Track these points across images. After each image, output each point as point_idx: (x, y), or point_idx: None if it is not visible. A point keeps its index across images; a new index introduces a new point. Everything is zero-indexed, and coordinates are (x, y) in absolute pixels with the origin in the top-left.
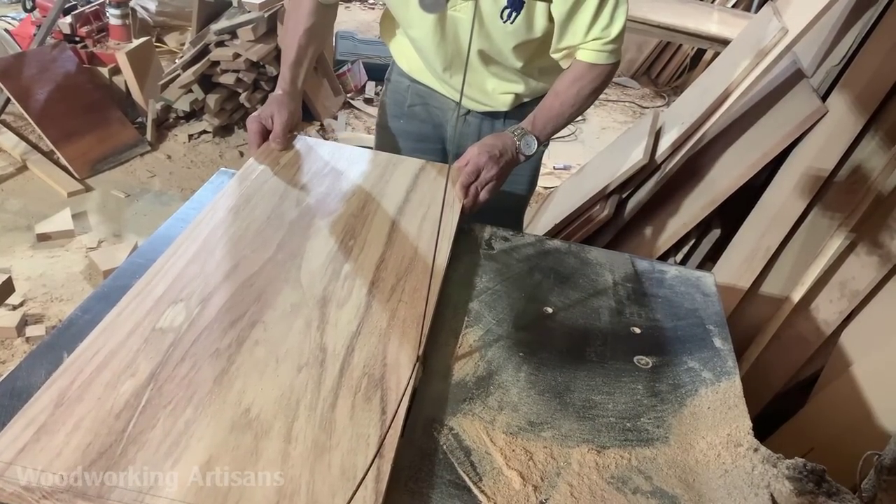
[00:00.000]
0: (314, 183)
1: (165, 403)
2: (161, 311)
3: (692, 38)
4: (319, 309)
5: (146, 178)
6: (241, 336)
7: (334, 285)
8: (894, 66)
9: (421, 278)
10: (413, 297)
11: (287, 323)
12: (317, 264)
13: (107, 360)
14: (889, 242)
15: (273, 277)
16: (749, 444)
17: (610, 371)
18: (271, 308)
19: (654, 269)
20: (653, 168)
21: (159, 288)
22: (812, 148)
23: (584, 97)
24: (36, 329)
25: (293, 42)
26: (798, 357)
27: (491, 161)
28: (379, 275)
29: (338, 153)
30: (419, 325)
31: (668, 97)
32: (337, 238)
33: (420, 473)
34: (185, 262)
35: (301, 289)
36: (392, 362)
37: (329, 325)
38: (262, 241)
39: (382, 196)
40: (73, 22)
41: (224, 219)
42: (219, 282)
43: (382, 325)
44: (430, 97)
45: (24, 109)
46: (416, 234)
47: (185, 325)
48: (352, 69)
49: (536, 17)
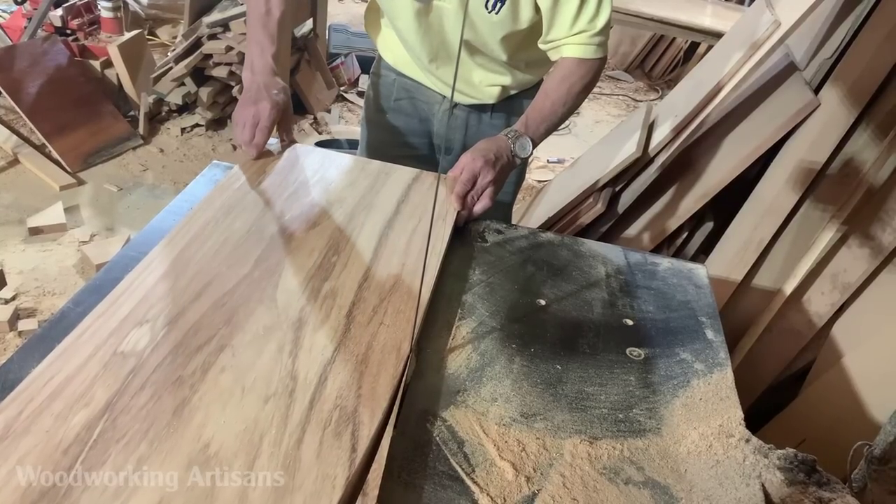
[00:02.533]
0: (301, 193)
1: (119, 437)
2: (125, 333)
3: (686, 32)
4: (294, 332)
5: (139, 172)
6: (207, 362)
7: (312, 305)
8: (886, 59)
9: (405, 298)
10: (395, 320)
11: (258, 347)
12: (295, 282)
13: (61, 388)
14: (880, 235)
15: (247, 297)
16: (741, 435)
17: (602, 363)
18: (242, 331)
19: (646, 262)
20: (646, 161)
21: (125, 307)
22: (804, 141)
23: (574, 94)
24: (28, 323)
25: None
26: (790, 349)
27: (487, 166)
28: (361, 294)
29: (328, 161)
30: (400, 349)
31: (662, 90)
32: (320, 253)
33: (413, 465)
34: (155, 279)
35: (276, 309)
36: (367, 393)
37: (303, 350)
38: (239, 257)
39: (371, 208)
40: (65, 14)
41: (201, 232)
42: (189, 301)
43: (360, 350)
44: (417, 91)
45: (16, 103)
46: (404, 249)
47: (149, 350)
48: (345, 62)
49: (522, 7)
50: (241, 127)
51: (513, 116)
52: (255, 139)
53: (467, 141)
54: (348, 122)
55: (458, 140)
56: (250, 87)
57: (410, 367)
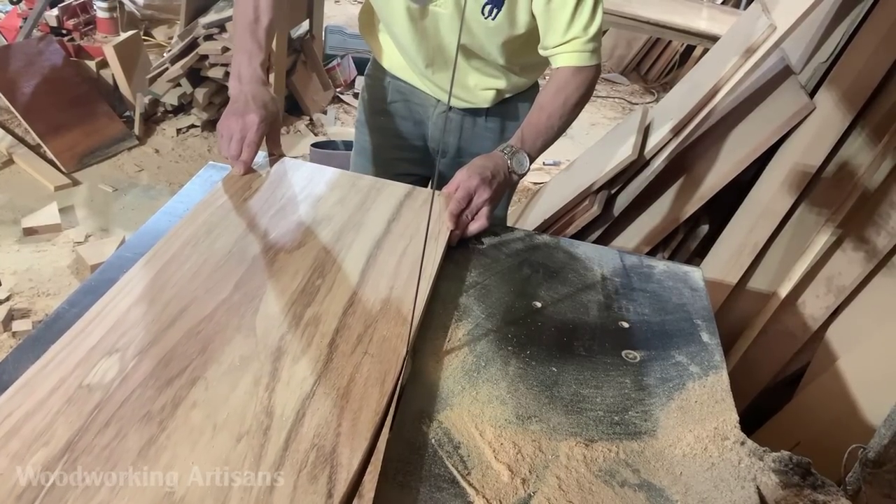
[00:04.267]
0: (287, 210)
1: (77, 482)
2: (92, 363)
3: (681, 35)
4: (272, 363)
5: (134, 172)
6: (178, 396)
7: (293, 333)
8: (881, 63)
9: (392, 326)
10: (381, 349)
11: (232, 380)
12: (276, 308)
13: (19, 425)
14: (875, 238)
15: (225, 324)
16: (736, 438)
17: (598, 365)
18: (217, 362)
19: (642, 264)
20: (642, 164)
21: (95, 335)
22: (800, 144)
23: (570, 107)
24: (22, 324)
25: (257, 14)
26: (785, 352)
27: (483, 184)
28: (345, 321)
29: (318, 177)
30: (384, 382)
31: (658, 93)
32: (304, 276)
33: (409, 467)
34: (128, 304)
35: (254, 337)
36: (347, 430)
37: (280, 383)
38: (218, 280)
39: (361, 226)
40: (60, 14)
41: (179, 252)
42: (162, 328)
43: (341, 383)
44: (411, 94)
45: (11, 103)
46: (393, 271)
47: (117, 382)
48: (341, 64)
49: (519, 13)
50: (227, 140)
51: (507, 120)
52: (243, 156)
53: (462, 144)
54: (344, 123)
55: (453, 144)
56: (237, 98)
57: (406, 369)
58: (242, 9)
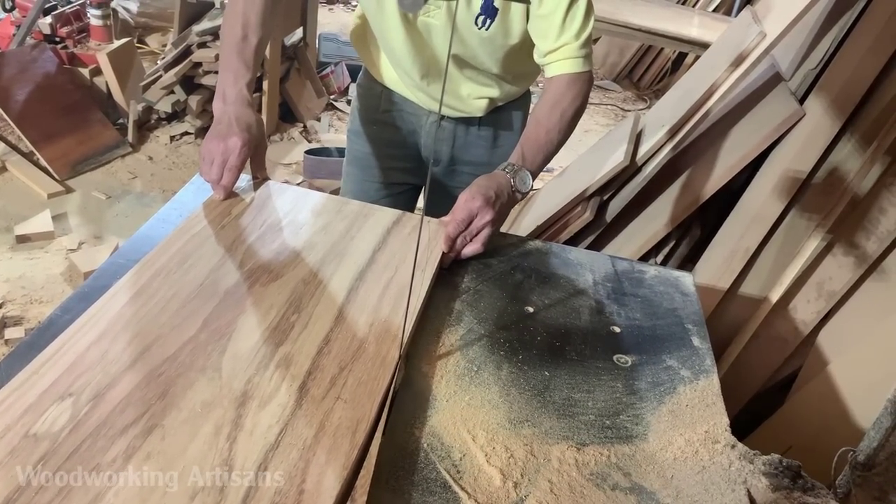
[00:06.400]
0: (267, 239)
1: None
2: (43, 409)
3: (673, 42)
4: (236, 409)
5: (127, 180)
6: (132, 447)
7: (261, 376)
8: (869, 70)
9: (368, 368)
10: (355, 394)
11: (192, 428)
12: (246, 347)
13: None
14: (865, 243)
15: (189, 364)
16: (726, 441)
17: (590, 369)
18: (177, 408)
19: (633, 269)
20: (634, 170)
21: (48, 377)
22: (790, 150)
23: (568, 120)
24: (15, 331)
25: (245, 33)
26: (776, 357)
27: (486, 206)
28: (319, 361)
29: (302, 201)
30: (356, 431)
31: (650, 100)
32: (278, 311)
33: (401, 471)
34: (87, 343)
35: (219, 381)
36: (312, 487)
37: (243, 432)
38: (185, 316)
39: (344, 256)
40: (54, 22)
41: (148, 285)
42: (122, 370)
43: (309, 433)
44: (404, 103)
45: (4, 110)
46: (374, 306)
47: (67, 430)
48: (335, 71)
49: (513, 23)
50: (208, 164)
51: (500, 129)
52: (223, 180)
53: (455, 153)
54: (338, 130)
55: (446, 152)
56: (220, 119)
57: (399, 374)
58: (230, 25)
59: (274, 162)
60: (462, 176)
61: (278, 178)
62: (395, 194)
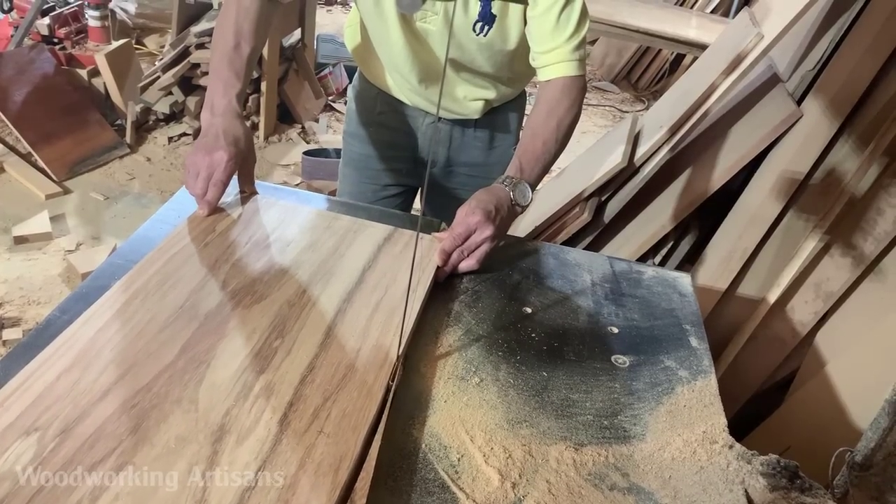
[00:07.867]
0: (251, 257)
1: None
2: (5, 446)
3: (671, 43)
4: (212, 444)
5: (125, 181)
6: (100, 487)
7: (240, 407)
8: (867, 71)
9: (354, 398)
10: (339, 428)
11: (165, 465)
12: (225, 375)
13: None
14: (862, 244)
15: (164, 395)
16: (724, 442)
17: (588, 370)
18: (149, 443)
19: (631, 270)
20: (632, 171)
21: (13, 410)
22: (787, 151)
23: (564, 129)
24: (12, 332)
25: (238, 43)
26: (774, 357)
27: (486, 221)
28: (302, 391)
29: (290, 216)
30: (339, 469)
31: (648, 101)
32: (260, 336)
33: (399, 472)
34: (57, 372)
35: (195, 413)
36: None
37: (219, 469)
38: (163, 342)
39: (332, 276)
40: (52, 23)
41: (124, 309)
42: (93, 402)
43: (289, 470)
44: (400, 105)
45: (1, 111)
46: (361, 330)
47: (30, 470)
48: (333, 72)
49: (510, 28)
50: (193, 177)
51: (496, 130)
52: (208, 195)
53: (451, 154)
54: (336, 131)
55: (443, 154)
56: (207, 131)
57: (397, 375)
58: (222, 33)
59: (272, 163)
60: (458, 177)
61: (276, 179)
62: (392, 196)
